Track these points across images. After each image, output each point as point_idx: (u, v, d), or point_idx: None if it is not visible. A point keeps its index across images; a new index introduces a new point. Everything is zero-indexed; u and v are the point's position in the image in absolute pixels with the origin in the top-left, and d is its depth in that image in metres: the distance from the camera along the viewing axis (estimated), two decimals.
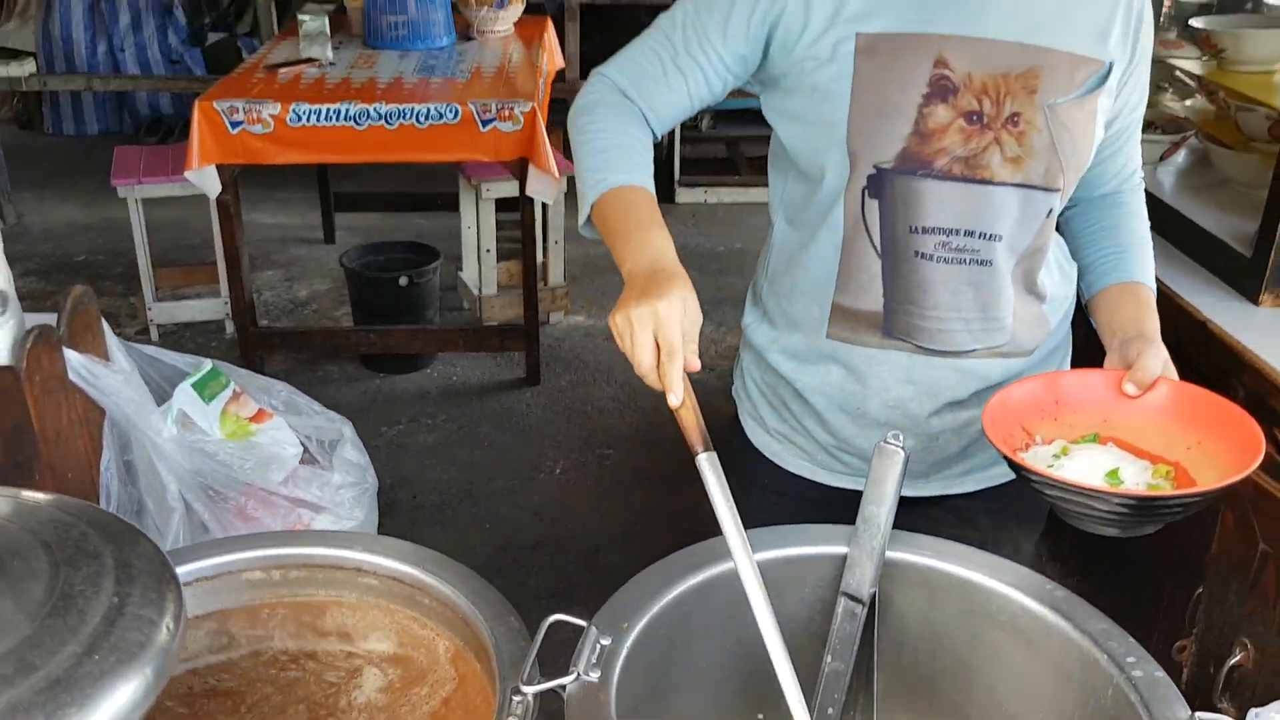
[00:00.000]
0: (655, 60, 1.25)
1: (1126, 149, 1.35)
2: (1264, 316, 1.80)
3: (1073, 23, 1.20)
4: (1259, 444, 1.06)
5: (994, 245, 1.23)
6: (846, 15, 1.16)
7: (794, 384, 1.36)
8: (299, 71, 3.35)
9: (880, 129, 1.18)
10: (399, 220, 4.62)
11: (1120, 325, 1.26)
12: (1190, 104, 2.41)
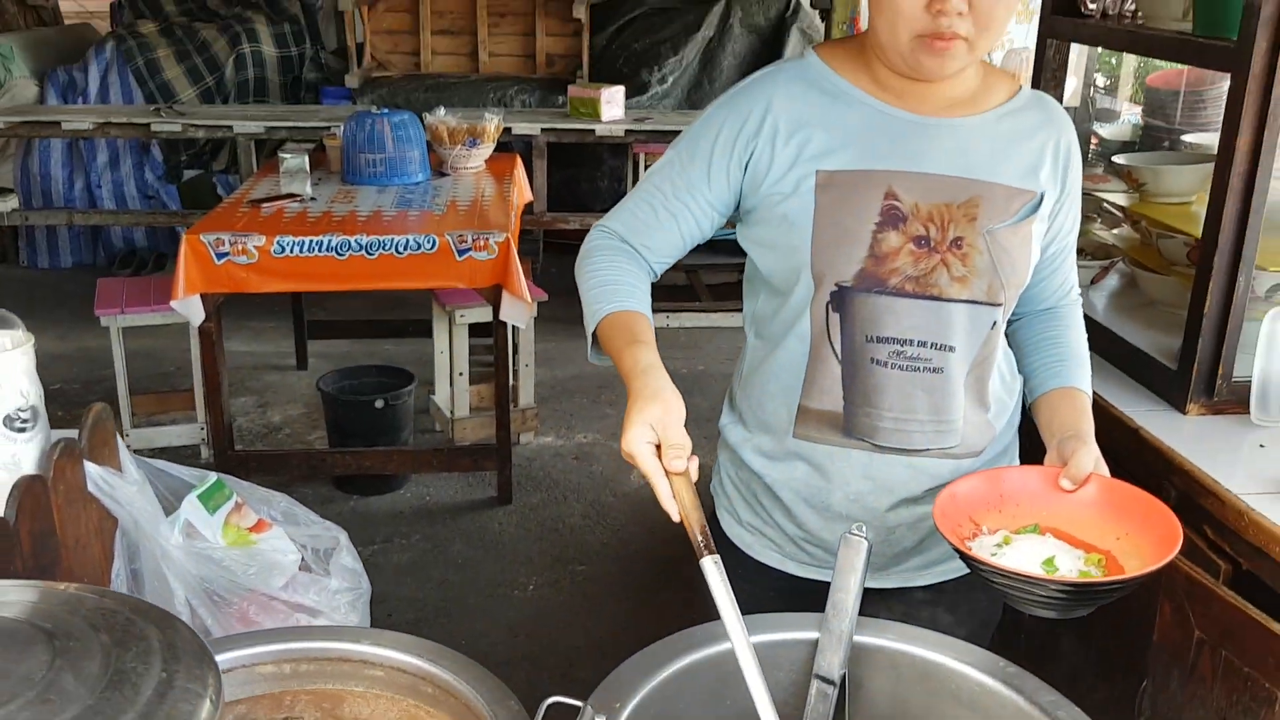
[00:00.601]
0: (649, 208, 1.42)
1: (1063, 269, 1.52)
2: (1191, 424, 1.95)
3: (1006, 160, 1.37)
4: (1177, 536, 1.19)
5: (945, 355, 1.37)
6: (807, 155, 1.34)
7: (764, 479, 1.48)
8: (281, 206, 3.51)
9: (839, 253, 1.34)
10: (370, 346, 4.75)
11: (1058, 426, 1.40)
12: (1117, 233, 2.61)
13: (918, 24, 1.26)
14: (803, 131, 1.35)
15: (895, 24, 1.27)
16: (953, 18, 1.24)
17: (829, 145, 1.34)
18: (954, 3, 1.23)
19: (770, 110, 1.36)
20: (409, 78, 5.70)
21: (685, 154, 1.41)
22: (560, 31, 5.81)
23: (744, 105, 1.38)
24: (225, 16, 6.03)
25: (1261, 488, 1.69)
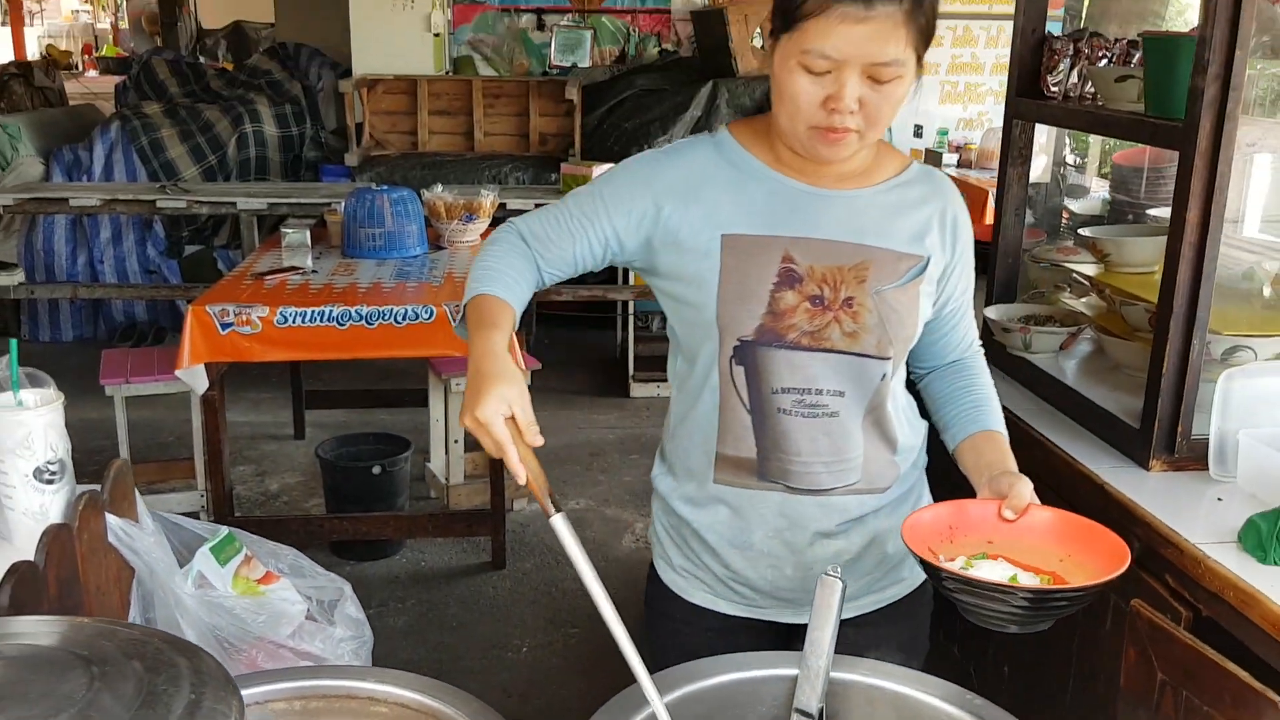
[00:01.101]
0: (556, 222, 1.53)
1: (962, 325, 1.67)
2: (1154, 480, 2.05)
3: (894, 228, 1.52)
4: (1124, 551, 1.31)
5: (840, 400, 1.51)
6: (715, 220, 1.48)
7: (692, 524, 1.60)
8: (284, 278, 3.63)
9: (741, 310, 1.47)
10: (366, 416, 4.84)
11: (986, 465, 1.53)
12: (1085, 301, 2.74)
13: (814, 118, 1.39)
14: (712, 197, 1.49)
15: (795, 117, 1.41)
16: (845, 115, 1.38)
17: (734, 212, 1.48)
18: (847, 103, 1.36)
19: (687, 174, 1.50)
20: (406, 156, 5.87)
21: (603, 188, 1.54)
22: (553, 112, 6.01)
23: (668, 165, 1.52)
24: (228, 98, 6.22)
25: (1218, 538, 1.78)
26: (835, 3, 1.32)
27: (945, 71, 7.35)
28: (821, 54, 1.34)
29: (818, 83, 1.37)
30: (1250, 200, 2.75)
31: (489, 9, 7.42)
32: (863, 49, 1.34)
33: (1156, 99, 2.13)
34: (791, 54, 1.37)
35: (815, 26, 1.34)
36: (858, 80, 1.36)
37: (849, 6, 1.32)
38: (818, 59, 1.35)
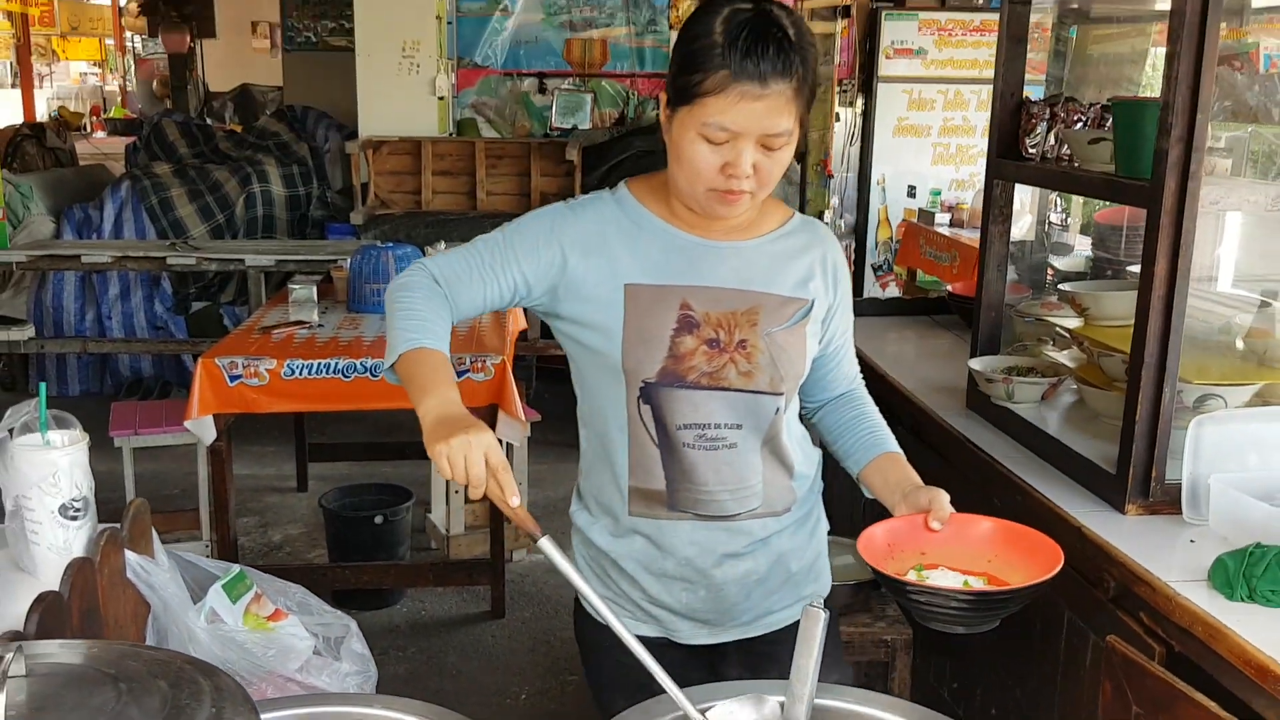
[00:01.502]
0: (466, 266, 1.62)
1: (846, 361, 1.82)
2: (1130, 523, 2.12)
3: (780, 274, 1.66)
4: (1057, 552, 1.46)
5: (738, 433, 1.63)
6: (617, 272, 1.60)
7: (610, 554, 1.71)
8: (291, 332, 3.73)
9: (645, 354, 1.59)
10: (369, 468, 4.91)
11: (896, 484, 1.67)
12: (1067, 353, 2.83)
13: (713, 182, 1.52)
14: (613, 250, 1.61)
15: (694, 181, 1.53)
16: (741, 179, 1.50)
17: (634, 264, 1.60)
18: (743, 169, 1.49)
19: (591, 228, 1.62)
20: (410, 214, 6.02)
21: (514, 234, 1.64)
22: (553, 172, 6.16)
23: (572, 219, 1.64)
24: (237, 158, 6.38)
25: (1190, 576, 1.86)
26: (734, 82, 1.45)
27: (937, 134, 7.52)
28: (721, 126, 1.47)
29: (716, 151, 1.49)
30: (1224, 256, 2.85)
31: (492, 73, 7.61)
32: (759, 122, 1.47)
33: (1126, 160, 2.24)
34: (691, 125, 1.49)
35: (715, 103, 1.46)
36: (752, 148, 1.49)
37: (747, 85, 1.45)
38: (717, 131, 1.48)
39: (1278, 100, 2.15)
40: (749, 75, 1.45)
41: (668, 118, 1.56)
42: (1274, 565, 1.75)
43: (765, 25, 1.47)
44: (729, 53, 1.45)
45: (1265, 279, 2.75)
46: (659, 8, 7.65)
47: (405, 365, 1.54)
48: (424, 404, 1.47)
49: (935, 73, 7.40)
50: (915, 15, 7.24)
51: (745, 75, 1.45)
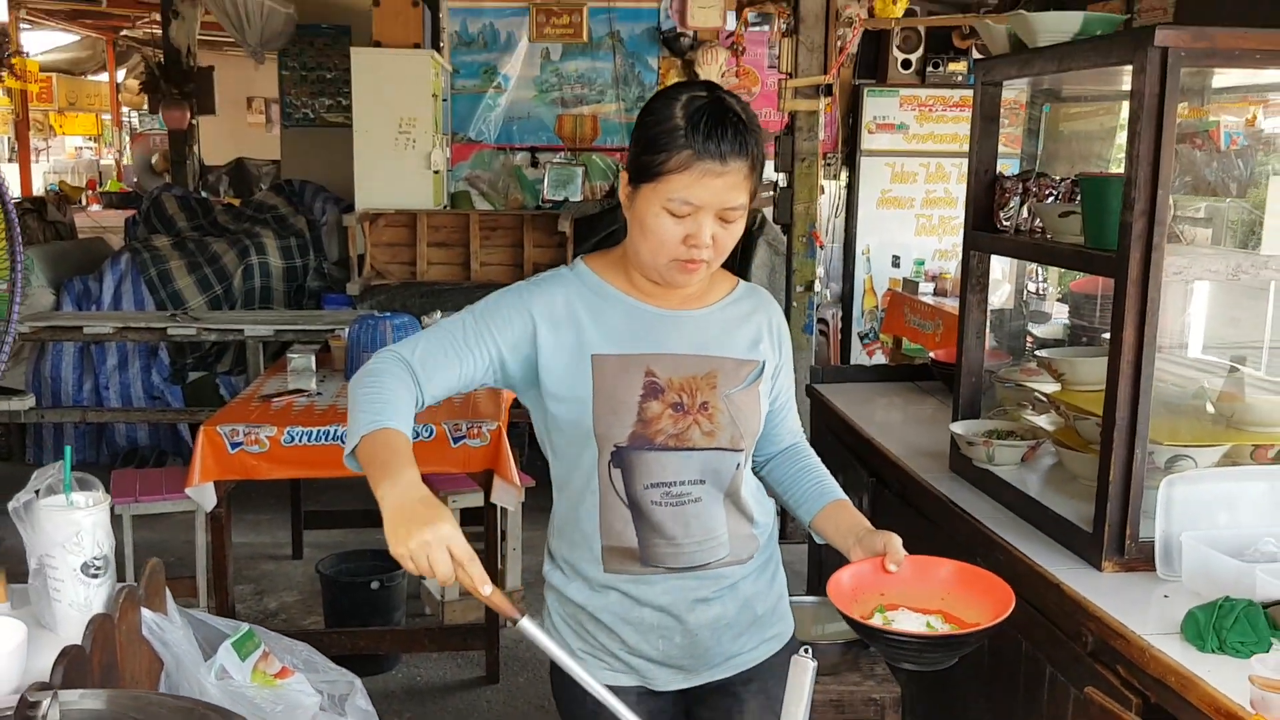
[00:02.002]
0: (439, 347, 1.67)
1: (790, 416, 1.95)
2: (1106, 580, 2.20)
3: (733, 339, 1.78)
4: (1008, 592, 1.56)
5: (702, 488, 1.74)
6: (584, 343, 1.70)
7: (587, 609, 1.79)
8: (291, 400, 3.82)
9: (615, 421, 1.68)
10: (363, 535, 4.95)
11: (849, 530, 1.78)
12: (1045, 417, 2.93)
13: (675, 253, 1.64)
14: (579, 322, 1.71)
15: (658, 252, 1.64)
16: (702, 249, 1.63)
17: (599, 335, 1.70)
18: (704, 239, 1.62)
19: (557, 302, 1.71)
20: (406, 285, 6.13)
21: (483, 315, 1.71)
22: (546, 243, 6.30)
23: (538, 294, 1.72)
24: (235, 231, 6.50)
25: (1163, 630, 1.93)
26: (697, 160, 1.58)
27: (920, 205, 7.72)
28: (685, 201, 1.60)
29: (679, 224, 1.61)
30: (1193, 323, 2.97)
31: (485, 148, 7.79)
32: (719, 197, 1.61)
33: (1093, 232, 2.36)
34: (656, 200, 1.61)
35: (680, 179, 1.59)
36: (711, 221, 1.62)
37: (709, 163, 1.59)
38: (681, 205, 1.60)
39: (1235, 175, 2.27)
40: (710, 154, 1.59)
41: (629, 194, 1.68)
42: (1242, 618, 1.83)
43: (722, 110, 1.61)
44: (691, 134, 1.59)
45: (1233, 345, 2.86)
46: (648, 85, 7.86)
47: (365, 449, 1.53)
48: (381, 490, 1.46)
49: (917, 146, 7.62)
50: (896, 92, 7.48)
51: (707, 154, 1.59)
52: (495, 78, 7.73)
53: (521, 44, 7.73)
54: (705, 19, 7.10)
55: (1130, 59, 2.12)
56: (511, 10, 7.69)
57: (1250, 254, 2.21)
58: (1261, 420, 2.44)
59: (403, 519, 1.41)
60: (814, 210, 4.86)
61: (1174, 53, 2.06)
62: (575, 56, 7.77)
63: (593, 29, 7.72)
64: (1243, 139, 2.53)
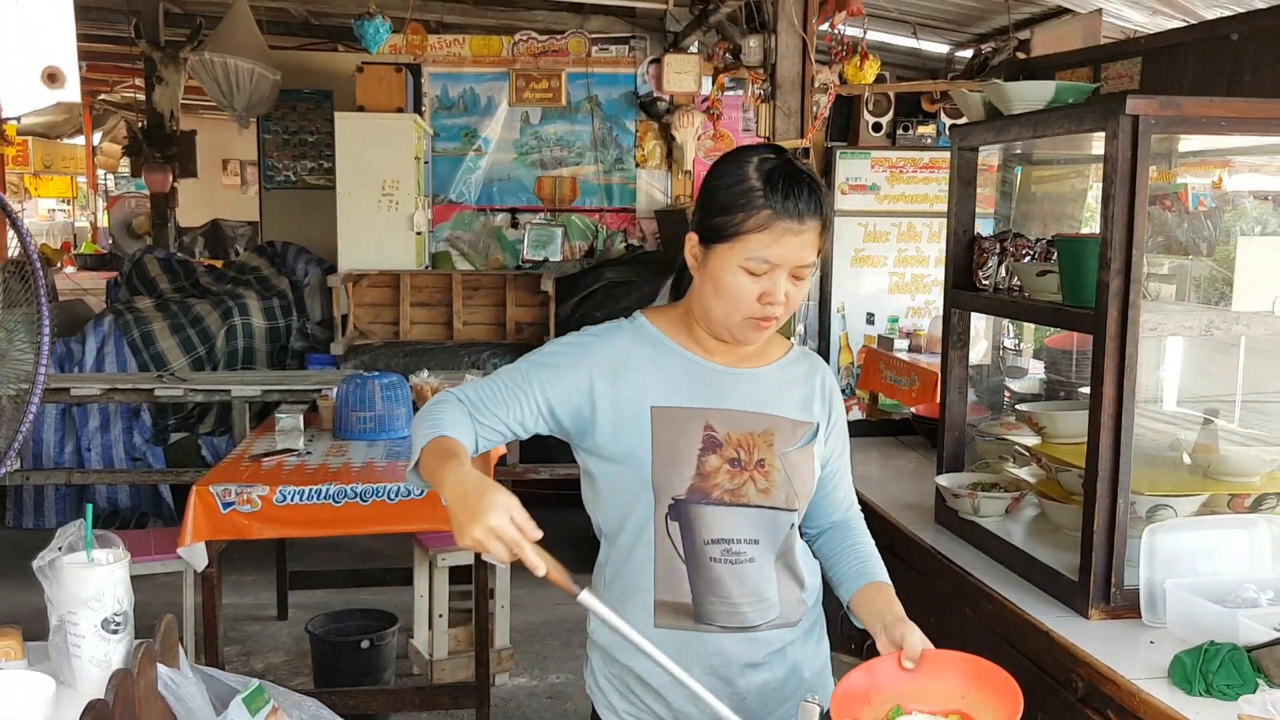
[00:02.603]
0: (493, 391, 1.73)
1: (843, 485, 1.94)
2: (1093, 627, 2.25)
3: (788, 398, 1.81)
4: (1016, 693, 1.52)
5: (756, 548, 1.75)
6: (644, 395, 1.73)
7: (634, 669, 1.78)
8: (281, 460, 3.84)
9: (674, 473, 1.71)
10: (349, 596, 4.95)
11: (878, 613, 1.74)
12: (1026, 469, 3.01)
13: (751, 311, 1.68)
14: (638, 375, 1.74)
15: (733, 310, 1.69)
16: (776, 306, 1.67)
17: (660, 387, 1.74)
18: (778, 297, 1.66)
19: (615, 354, 1.75)
20: (389, 344, 6.18)
21: (538, 362, 1.75)
22: (528, 302, 6.38)
23: (596, 346, 1.76)
24: (217, 293, 6.54)
25: (1151, 674, 1.99)
26: (777, 220, 1.63)
27: (893, 264, 7.86)
28: (764, 259, 1.64)
29: (755, 281, 1.66)
30: (1169, 378, 3.06)
31: (466, 209, 7.91)
32: (795, 254, 1.65)
33: (1070, 291, 2.45)
34: (732, 259, 1.66)
35: (759, 239, 1.64)
36: (786, 278, 1.67)
37: (788, 222, 1.64)
38: (760, 263, 1.65)
39: (1204, 235, 2.38)
40: (789, 213, 1.63)
41: (699, 255, 1.71)
42: (1227, 662, 1.89)
43: (795, 171, 1.67)
44: (770, 194, 1.63)
45: (1207, 398, 2.96)
46: (625, 148, 8.02)
47: (424, 461, 1.60)
48: (441, 491, 1.52)
49: (889, 207, 7.79)
50: (868, 154, 7.66)
51: (786, 213, 1.63)
52: (475, 140, 7.88)
53: (501, 108, 7.88)
54: (680, 84, 7.26)
55: (1103, 126, 2.23)
56: (491, 75, 7.85)
57: (1222, 310, 2.31)
58: (1236, 470, 2.52)
59: (462, 508, 1.45)
60: None
61: (1144, 120, 2.16)
62: (554, 120, 7.93)
63: (571, 93, 7.89)
64: (1210, 200, 2.64)
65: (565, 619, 4.86)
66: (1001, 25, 7.03)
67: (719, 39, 6.85)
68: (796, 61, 4.89)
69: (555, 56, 7.84)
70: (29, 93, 0.95)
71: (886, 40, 7.42)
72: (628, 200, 8.03)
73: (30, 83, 0.94)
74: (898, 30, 7.40)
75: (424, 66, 7.57)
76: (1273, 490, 2.47)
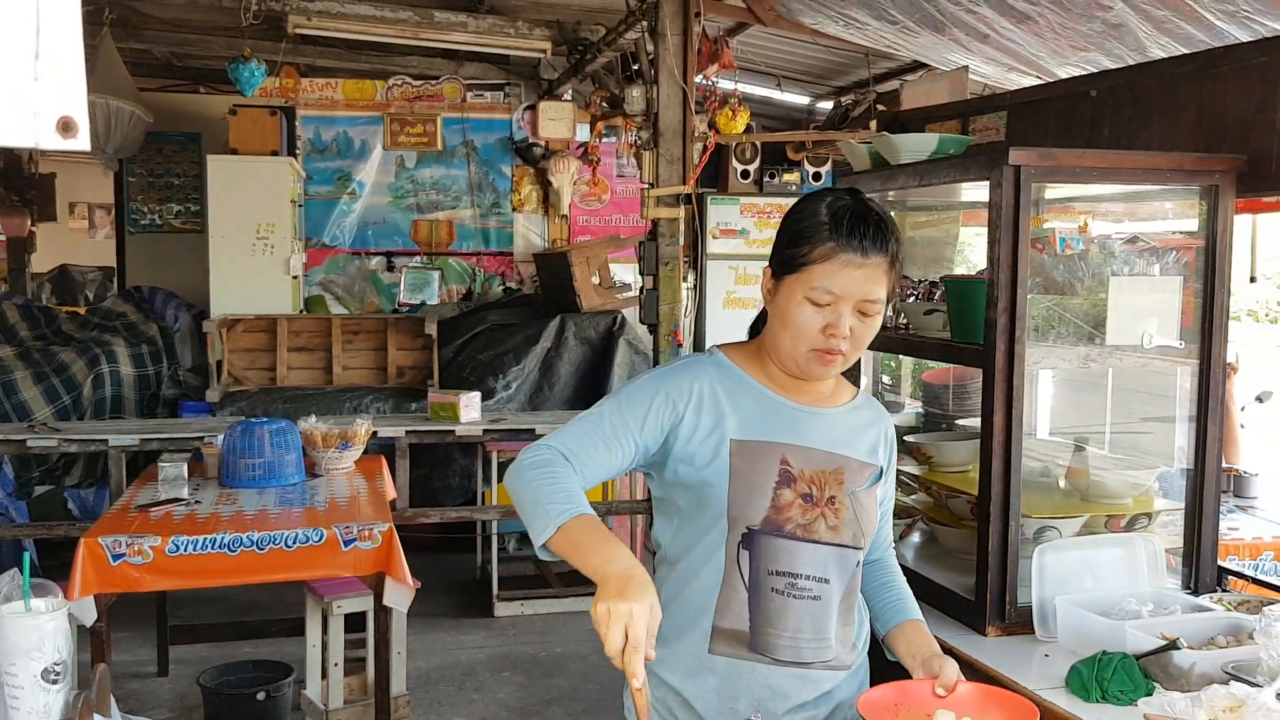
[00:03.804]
0: (588, 439, 1.73)
1: (886, 526, 2.00)
2: (991, 643, 2.40)
3: (858, 440, 1.87)
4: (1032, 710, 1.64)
5: (823, 586, 1.80)
6: (723, 427, 1.78)
7: (681, 694, 1.81)
8: (169, 510, 3.74)
9: (749, 503, 1.76)
10: (231, 650, 4.81)
11: (916, 650, 1.84)
12: (915, 497, 3.17)
13: (815, 342, 1.74)
14: (719, 407, 1.79)
15: (798, 340, 1.74)
16: (840, 340, 1.73)
17: (738, 420, 1.79)
18: (842, 330, 1.72)
19: (697, 387, 1.80)
20: (266, 391, 6.06)
21: (626, 403, 1.78)
22: (410, 345, 6.34)
23: (679, 379, 1.81)
24: (82, 340, 6.30)
25: (1049, 684, 2.14)
26: (840, 251, 1.70)
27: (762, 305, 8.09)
28: (826, 290, 1.71)
29: (819, 313, 1.72)
30: (1044, 409, 3.27)
31: (340, 252, 7.83)
32: (858, 288, 1.72)
33: (958, 328, 2.63)
34: (799, 289, 1.72)
35: (822, 269, 1.70)
36: (850, 312, 1.72)
37: (850, 255, 1.70)
38: (823, 294, 1.71)
39: (1078, 276, 2.58)
40: (852, 247, 1.69)
41: (771, 289, 1.79)
42: (1120, 670, 2.04)
43: (863, 209, 1.75)
44: (835, 228, 1.71)
45: (1077, 428, 3.18)
46: (502, 192, 8.08)
47: (569, 534, 1.55)
48: (596, 565, 1.50)
49: (757, 250, 8.03)
50: (737, 200, 7.90)
51: (849, 246, 1.69)
52: (349, 184, 7.82)
53: (376, 151, 7.86)
54: (555, 130, 7.36)
55: (988, 175, 2.41)
56: (365, 119, 7.83)
57: (1097, 345, 2.51)
58: (1110, 494, 2.73)
59: (615, 587, 1.44)
60: (678, 310, 5.10)
61: (1025, 170, 2.36)
62: (430, 164, 7.94)
63: (447, 138, 7.92)
64: (1077, 243, 2.86)
65: (457, 664, 4.83)
66: (860, 79, 7.38)
67: (595, 87, 7.00)
68: (678, 111, 5.04)
69: (430, 101, 7.87)
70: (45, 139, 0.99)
71: (752, 91, 7.70)
72: (505, 244, 8.08)
73: (46, 131, 0.98)
74: (763, 82, 7.68)
75: (297, 109, 7.50)
76: (1143, 511, 2.68)
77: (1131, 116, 2.93)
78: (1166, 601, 2.33)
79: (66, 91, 0.97)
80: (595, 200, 8.23)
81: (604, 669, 4.78)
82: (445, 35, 6.25)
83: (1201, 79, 2.70)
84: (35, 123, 0.96)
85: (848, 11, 4.72)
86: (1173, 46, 3.56)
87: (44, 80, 0.96)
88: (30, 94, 0.95)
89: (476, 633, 5.18)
